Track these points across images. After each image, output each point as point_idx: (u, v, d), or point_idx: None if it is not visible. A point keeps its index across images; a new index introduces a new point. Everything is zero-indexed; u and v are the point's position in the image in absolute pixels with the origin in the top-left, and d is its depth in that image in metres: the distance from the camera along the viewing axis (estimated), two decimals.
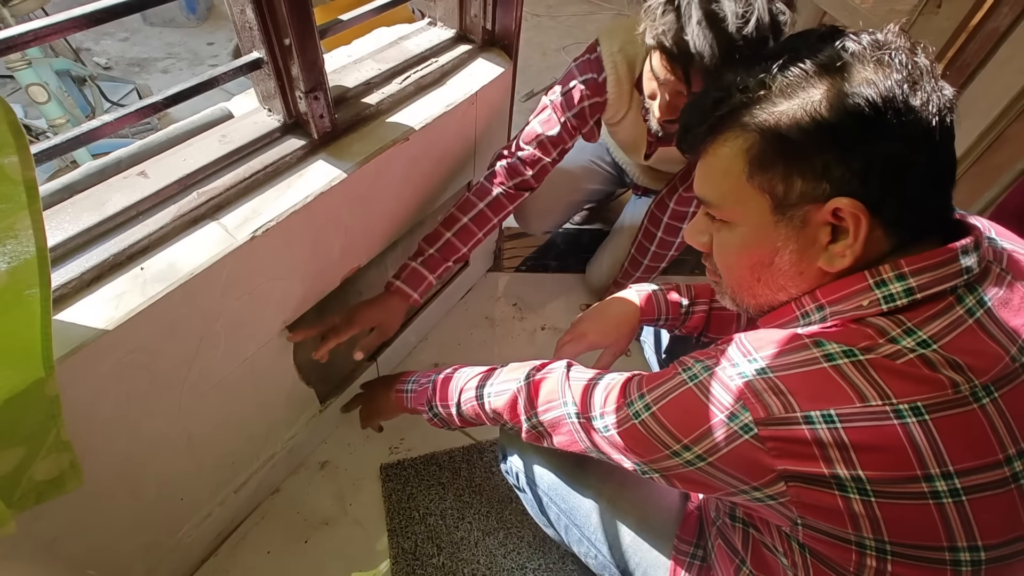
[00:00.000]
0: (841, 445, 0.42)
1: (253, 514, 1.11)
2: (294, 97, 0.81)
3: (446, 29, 1.12)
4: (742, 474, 0.47)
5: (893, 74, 0.44)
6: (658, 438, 0.52)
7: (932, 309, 0.45)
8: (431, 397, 0.83)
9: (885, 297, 0.45)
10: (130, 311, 0.64)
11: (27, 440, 0.56)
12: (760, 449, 0.45)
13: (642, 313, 0.86)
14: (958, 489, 0.41)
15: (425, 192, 1.10)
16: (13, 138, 0.44)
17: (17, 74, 1.52)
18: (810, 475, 0.44)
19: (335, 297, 1.00)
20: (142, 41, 2.76)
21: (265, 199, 0.78)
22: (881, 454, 0.42)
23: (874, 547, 0.44)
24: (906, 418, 0.41)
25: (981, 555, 0.42)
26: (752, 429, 0.45)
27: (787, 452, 0.44)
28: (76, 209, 0.69)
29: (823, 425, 0.43)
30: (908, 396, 0.42)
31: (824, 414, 0.43)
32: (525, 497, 0.89)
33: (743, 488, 0.48)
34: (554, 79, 2.43)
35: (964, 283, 0.45)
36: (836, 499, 0.43)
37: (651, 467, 0.55)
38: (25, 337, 0.51)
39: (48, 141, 0.64)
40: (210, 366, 0.80)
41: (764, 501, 0.48)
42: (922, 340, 0.43)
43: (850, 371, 0.43)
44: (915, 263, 0.45)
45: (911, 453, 0.41)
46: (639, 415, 0.54)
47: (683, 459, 0.51)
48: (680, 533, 0.73)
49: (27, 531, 0.67)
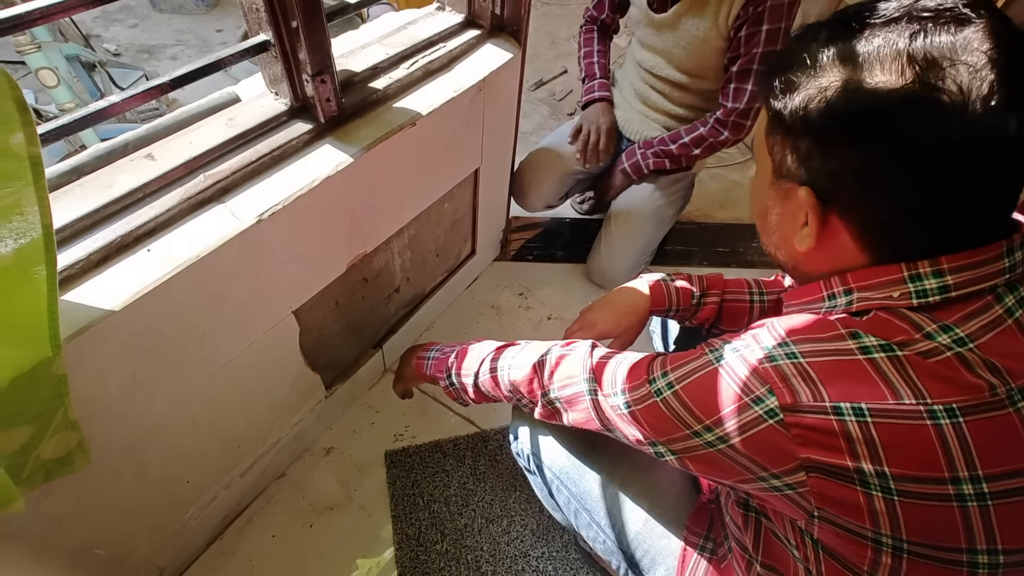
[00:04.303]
0: (869, 440, 0.41)
1: (259, 498, 1.12)
2: (301, 80, 0.81)
3: (455, 14, 1.11)
4: (763, 460, 0.46)
5: (906, 79, 0.39)
6: (679, 417, 0.51)
7: (969, 307, 0.43)
8: (450, 366, 0.82)
9: (918, 292, 0.44)
10: (137, 292, 0.64)
11: (35, 419, 0.57)
12: (784, 435, 0.44)
13: (652, 303, 0.85)
14: (985, 493, 0.40)
15: (432, 178, 1.10)
16: (19, 114, 0.44)
17: (27, 58, 1.53)
18: (834, 467, 0.43)
19: (341, 283, 1.00)
20: (151, 28, 2.76)
21: (271, 183, 0.78)
22: (910, 454, 0.41)
23: (891, 545, 0.43)
24: (940, 419, 0.40)
25: (1000, 559, 0.42)
26: (778, 414, 0.44)
27: (812, 441, 0.43)
28: (84, 190, 0.69)
29: (852, 418, 0.42)
30: (944, 397, 0.41)
31: (855, 407, 0.42)
32: (535, 480, 0.88)
33: (761, 475, 0.47)
34: (564, 68, 2.43)
35: (1005, 282, 0.43)
36: (858, 494, 0.42)
37: (667, 447, 0.54)
38: (32, 316, 0.51)
39: (57, 120, 0.64)
40: (216, 349, 0.80)
41: (782, 490, 0.47)
42: (959, 338, 0.42)
43: (886, 366, 0.42)
44: (955, 261, 0.43)
45: (941, 455, 0.40)
46: (661, 393, 0.53)
47: (703, 440, 0.50)
48: (690, 524, 0.73)
49: (36, 509, 0.68)
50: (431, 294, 1.36)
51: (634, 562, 0.76)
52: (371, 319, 1.19)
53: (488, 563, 1.05)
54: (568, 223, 1.74)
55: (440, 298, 1.40)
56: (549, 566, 1.05)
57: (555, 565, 1.05)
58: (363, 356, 1.22)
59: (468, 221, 1.36)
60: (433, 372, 0.86)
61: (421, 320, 1.36)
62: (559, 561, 1.05)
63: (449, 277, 1.40)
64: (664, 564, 0.73)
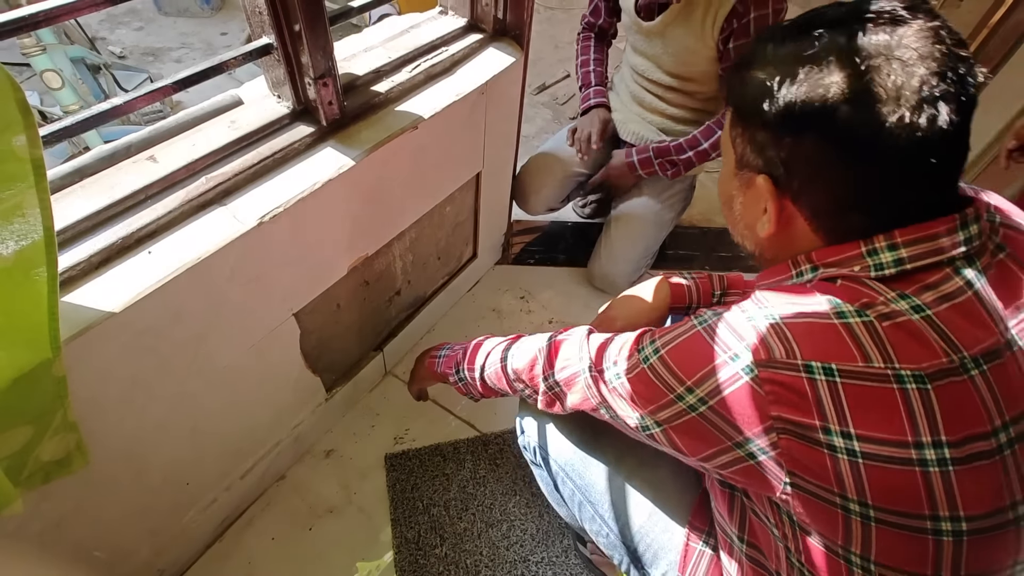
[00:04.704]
0: (837, 401, 0.43)
1: (258, 500, 1.11)
2: (303, 84, 0.81)
3: (457, 18, 1.12)
4: (739, 421, 0.48)
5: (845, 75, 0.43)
6: (664, 381, 0.53)
7: (928, 279, 0.45)
8: (459, 361, 0.84)
9: (875, 265, 0.46)
10: (137, 294, 0.64)
11: (34, 420, 0.57)
12: (758, 393, 0.46)
13: (673, 299, 0.85)
14: (946, 459, 0.42)
15: (433, 181, 1.10)
16: (21, 116, 0.44)
17: (32, 60, 1.54)
18: (802, 426, 0.44)
19: (342, 285, 1.00)
20: (156, 31, 2.77)
21: (273, 185, 0.78)
22: (876, 416, 0.42)
23: (858, 512, 0.44)
24: (907, 384, 0.42)
25: (962, 526, 0.43)
26: (752, 371, 0.46)
27: (783, 399, 0.45)
28: (86, 192, 0.69)
29: (822, 377, 0.43)
30: (911, 363, 0.42)
31: (825, 366, 0.43)
32: (540, 473, 0.88)
33: (738, 439, 0.48)
34: (566, 72, 2.44)
35: (963, 255, 0.45)
36: (824, 457, 0.44)
37: (654, 418, 0.55)
38: (32, 317, 0.52)
39: (60, 122, 0.64)
40: (216, 351, 0.81)
41: (757, 457, 0.48)
42: (916, 306, 0.44)
43: (859, 330, 0.44)
44: (909, 234, 0.46)
45: (906, 419, 0.42)
46: (648, 359, 0.55)
47: (685, 403, 0.51)
48: (693, 519, 0.72)
49: (34, 511, 0.68)
50: (432, 297, 1.36)
51: (637, 556, 0.75)
52: (372, 322, 1.19)
53: (487, 568, 1.04)
54: (569, 227, 1.74)
55: (441, 301, 1.40)
56: (548, 571, 1.04)
57: (555, 570, 1.04)
58: (364, 359, 1.22)
59: (470, 224, 1.36)
60: (443, 369, 0.87)
61: (422, 323, 1.36)
62: (559, 566, 1.05)
63: (450, 280, 1.40)
64: (666, 559, 0.73)
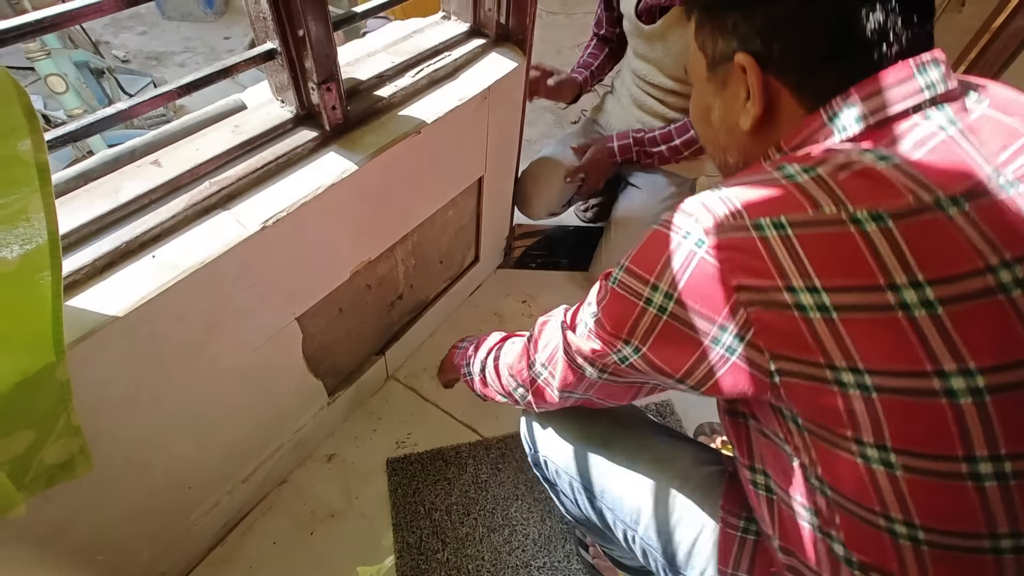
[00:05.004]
0: (794, 255, 0.40)
1: (260, 504, 1.11)
2: (307, 88, 0.81)
3: (460, 23, 1.12)
4: (706, 306, 0.45)
5: None
6: (631, 289, 0.50)
7: (895, 130, 0.43)
8: (470, 356, 0.82)
9: (839, 129, 0.45)
10: (141, 298, 0.64)
11: (38, 424, 0.57)
12: (713, 265, 0.44)
13: None
14: (931, 300, 0.37)
15: (436, 186, 1.10)
16: (27, 121, 0.44)
17: (36, 64, 1.54)
18: (765, 290, 0.41)
19: (345, 289, 1.00)
20: (160, 35, 2.79)
21: (276, 190, 0.79)
22: (837, 262, 0.40)
23: (853, 382, 0.40)
24: (864, 224, 0.39)
25: (978, 381, 0.37)
26: (704, 242, 0.44)
27: (739, 264, 0.43)
28: (90, 196, 0.69)
29: (773, 232, 0.41)
30: (866, 203, 0.40)
31: (774, 220, 0.42)
32: (559, 487, 0.82)
33: (712, 332, 0.45)
34: None
35: (929, 100, 0.43)
36: (797, 322, 0.40)
37: (628, 341, 0.52)
38: (36, 321, 0.52)
39: (65, 126, 0.64)
40: (219, 355, 0.81)
41: (736, 351, 0.44)
42: (882, 156, 0.42)
43: (807, 184, 0.42)
44: (864, 88, 0.44)
45: (871, 260, 0.39)
46: (615, 278, 0.53)
47: (654, 306, 0.48)
48: (725, 504, 0.65)
49: (37, 515, 0.68)
50: (434, 301, 1.36)
51: (672, 557, 0.69)
52: (374, 326, 1.19)
53: (489, 573, 1.04)
54: (571, 231, 1.74)
55: (443, 305, 1.40)
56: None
57: (557, 575, 1.04)
58: (366, 363, 1.22)
59: (472, 228, 1.37)
60: (458, 361, 0.85)
61: (424, 327, 1.36)
62: (561, 571, 1.05)
63: (452, 284, 1.40)
64: (702, 554, 0.66)
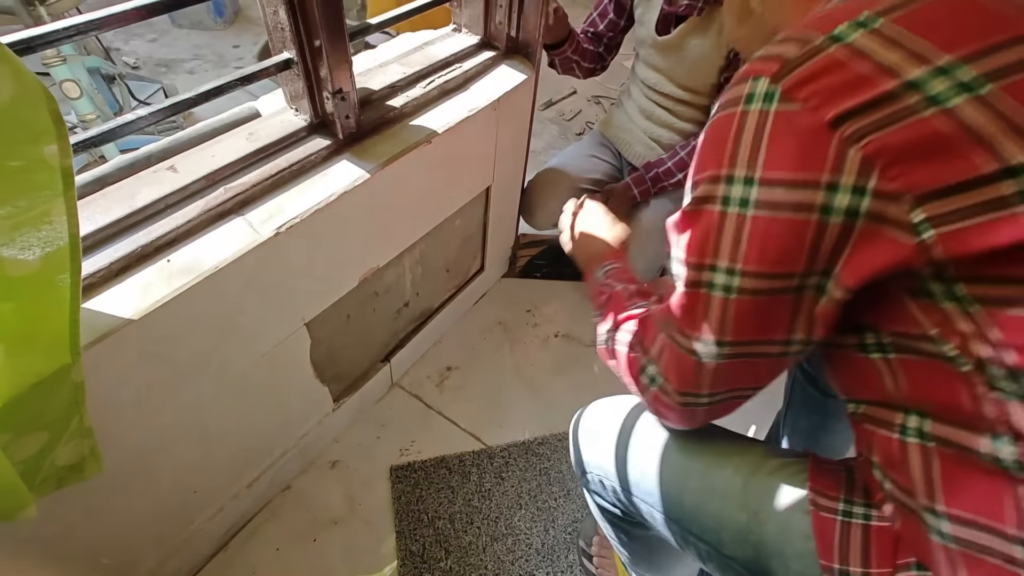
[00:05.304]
0: (897, 43, 0.33)
1: (264, 510, 1.11)
2: (321, 98, 0.83)
3: (470, 35, 1.14)
4: (803, 170, 0.37)
5: None
6: (704, 198, 0.44)
7: None
8: (601, 304, 0.70)
9: None
10: (155, 302, 0.65)
11: (51, 425, 0.57)
12: (794, 111, 0.36)
13: None
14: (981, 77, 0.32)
15: (445, 195, 1.11)
16: (55, 126, 0.45)
17: (52, 70, 1.57)
18: (875, 104, 0.33)
19: (353, 296, 1.01)
20: (170, 43, 2.82)
21: (290, 197, 0.80)
22: (971, 28, 0.33)
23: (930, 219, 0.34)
24: None
25: None
26: (772, 94, 0.37)
27: (829, 92, 0.35)
28: (107, 201, 0.70)
29: (858, 32, 0.34)
30: None
31: (856, 22, 0.35)
32: (630, 507, 0.69)
33: (819, 200, 0.37)
34: (573, 88, 2.46)
35: None
36: (931, 123, 0.33)
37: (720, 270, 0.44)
38: (54, 323, 0.52)
39: (86, 132, 0.65)
40: (229, 359, 0.81)
41: (859, 210, 0.36)
42: None
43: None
44: None
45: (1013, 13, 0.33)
46: (685, 203, 0.48)
47: (734, 202, 0.41)
48: (813, 485, 0.53)
49: (47, 516, 0.68)
50: (440, 309, 1.37)
51: (760, 566, 0.56)
52: (380, 332, 1.20)
53: None
54: None
55: (448, 313, 1.40)
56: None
57: None
58: (371, 369, 1.22)
59: (478, 237, 1.37)
60: (593, 292, 0.74)
61: (429, 335, 1.37)
62: None
63: (458, 292, 1.41)
64: (791, 549, 0.53)
